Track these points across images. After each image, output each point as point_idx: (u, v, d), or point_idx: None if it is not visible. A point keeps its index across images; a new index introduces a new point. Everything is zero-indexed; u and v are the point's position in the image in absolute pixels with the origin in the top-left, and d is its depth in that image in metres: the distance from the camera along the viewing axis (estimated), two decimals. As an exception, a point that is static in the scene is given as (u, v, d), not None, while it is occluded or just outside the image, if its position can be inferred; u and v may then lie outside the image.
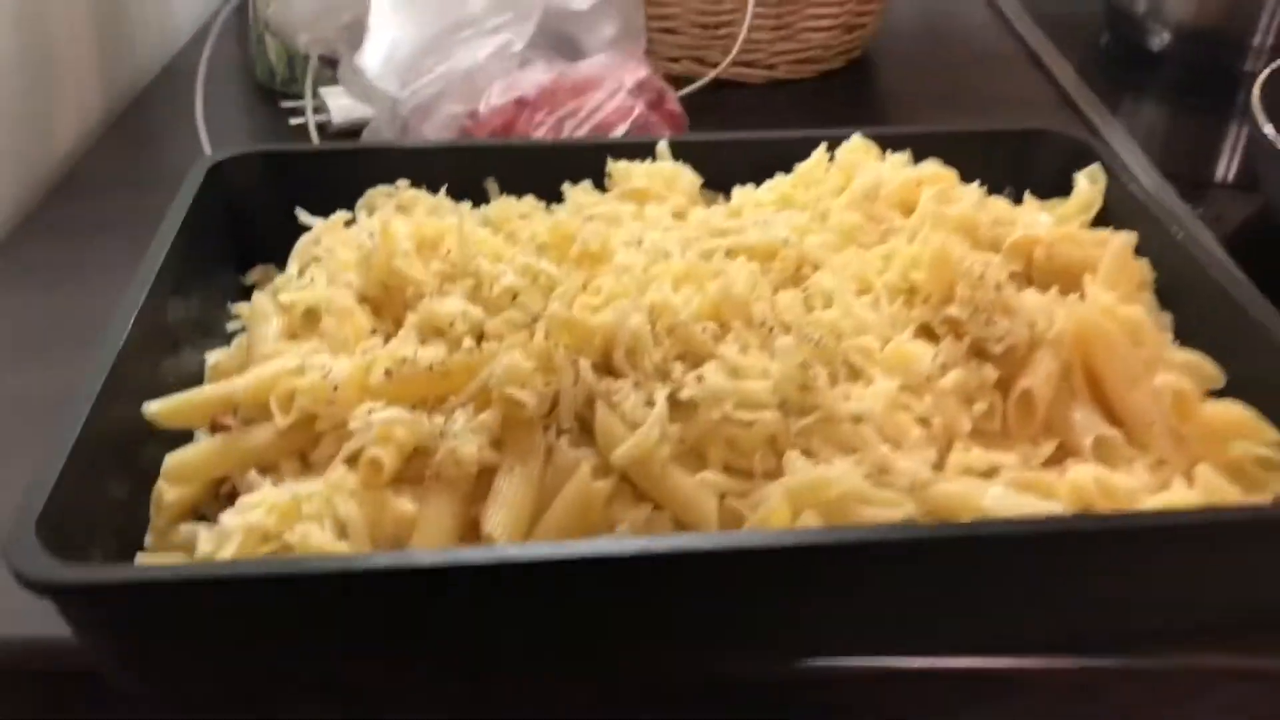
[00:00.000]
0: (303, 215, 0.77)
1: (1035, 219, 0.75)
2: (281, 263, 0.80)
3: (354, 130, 1.04)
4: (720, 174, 0.83)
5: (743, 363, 0.58)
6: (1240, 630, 0.56)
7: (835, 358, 0.59)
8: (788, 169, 0.82)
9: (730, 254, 0.68)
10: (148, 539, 0.57)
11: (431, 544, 0.53)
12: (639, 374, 0.58)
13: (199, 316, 0.73)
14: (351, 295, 0.65)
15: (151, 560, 0.54)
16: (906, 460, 0.55)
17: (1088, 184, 0.79)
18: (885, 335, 0.62)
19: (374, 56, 0.82)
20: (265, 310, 0.66)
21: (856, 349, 0.60)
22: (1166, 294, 0.72)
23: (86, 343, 0.61)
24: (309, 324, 0.65)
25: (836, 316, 0.61)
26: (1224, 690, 0.56)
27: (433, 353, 0.59)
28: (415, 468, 0.56)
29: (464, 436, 0.55)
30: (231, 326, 0.76)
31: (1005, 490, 0.54)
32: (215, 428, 0.62)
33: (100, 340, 0.61)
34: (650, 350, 0.58)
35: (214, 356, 0.69)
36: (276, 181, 0.81)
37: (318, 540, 0.51)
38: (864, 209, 0.70)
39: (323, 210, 0.81)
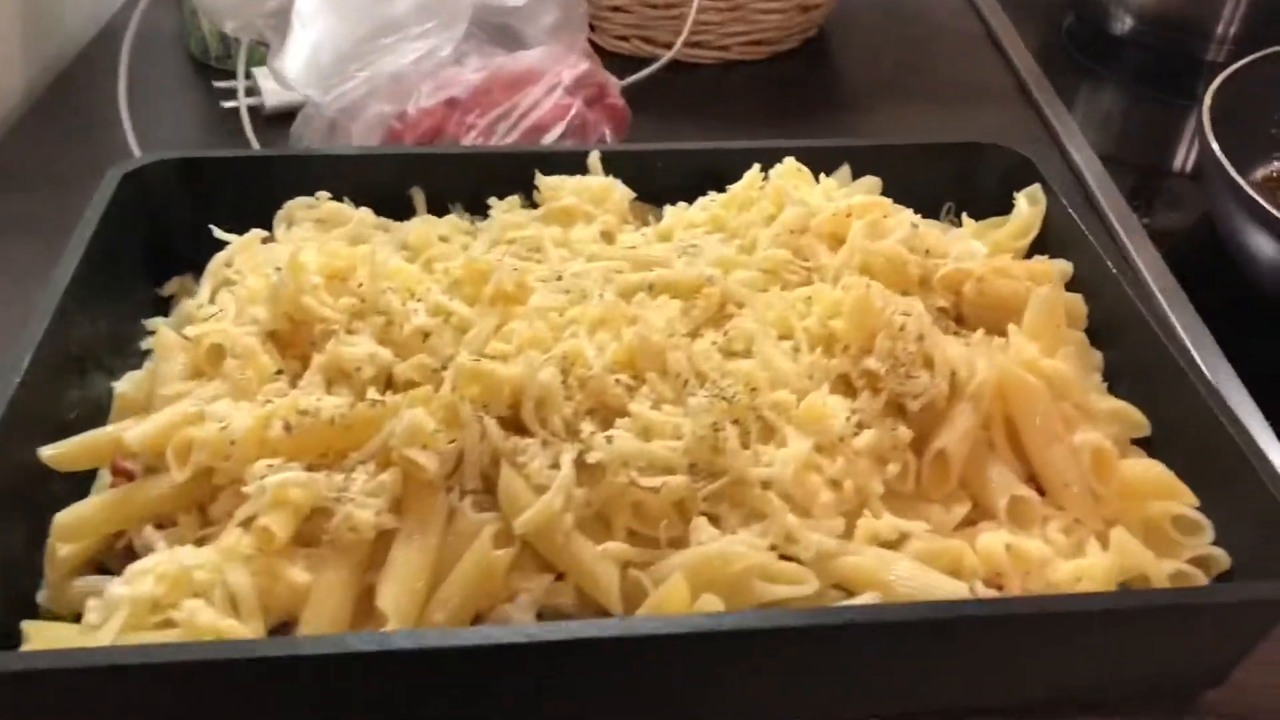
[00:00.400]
0: (218, 232, 0.75)
1: (969, 248, 0.73)
2: (199, 272, 0.78)
3: (288, 113, 1.01)
4: (653, 186, 0.81)
5: (654, 420, 0.57)
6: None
7: (748, 415, 0.57)
8: (723, 181, 0.80)
9: (654, 290, 0.66)
10: (41, 594, 0.56)
11: (323, 617, 0.51)
12: (547, 431, 0.57)
13: (111, 333, 0.71)
14: (257, 332, 0.63)
15: (36, 632, 0.52)
16: (813, 530, 0.54)
17: (1027, 205, 0.78)
18: (802, 387, 0.60)
19: (295, 60, 0.79)
20: (170, 345, 0.64)
21: (771, 405, 0.58)
22: (1100, 329, 0.71)
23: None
24: (214, 361, 0.63)
25: (753, 368, 0.60)
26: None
27: (335, 404, 0.57)
28: (313, 527, 0.55)
29: (361, 502, 0.53)
30: (146, 344, 0.74)
31: (911, 565, 0.53)
32: (116, 470, 0.61)
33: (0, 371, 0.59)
34: (560, 406, 0.57)
35: (122, 385, 0.67)
36: (194, 188, 0.78)
37: (205, 619, 0.49)
38: (791, 243, 0.68)
39: (242, 217, 0.78)
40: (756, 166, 0.76)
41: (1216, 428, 0.60)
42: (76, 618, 0.56)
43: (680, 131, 1.06)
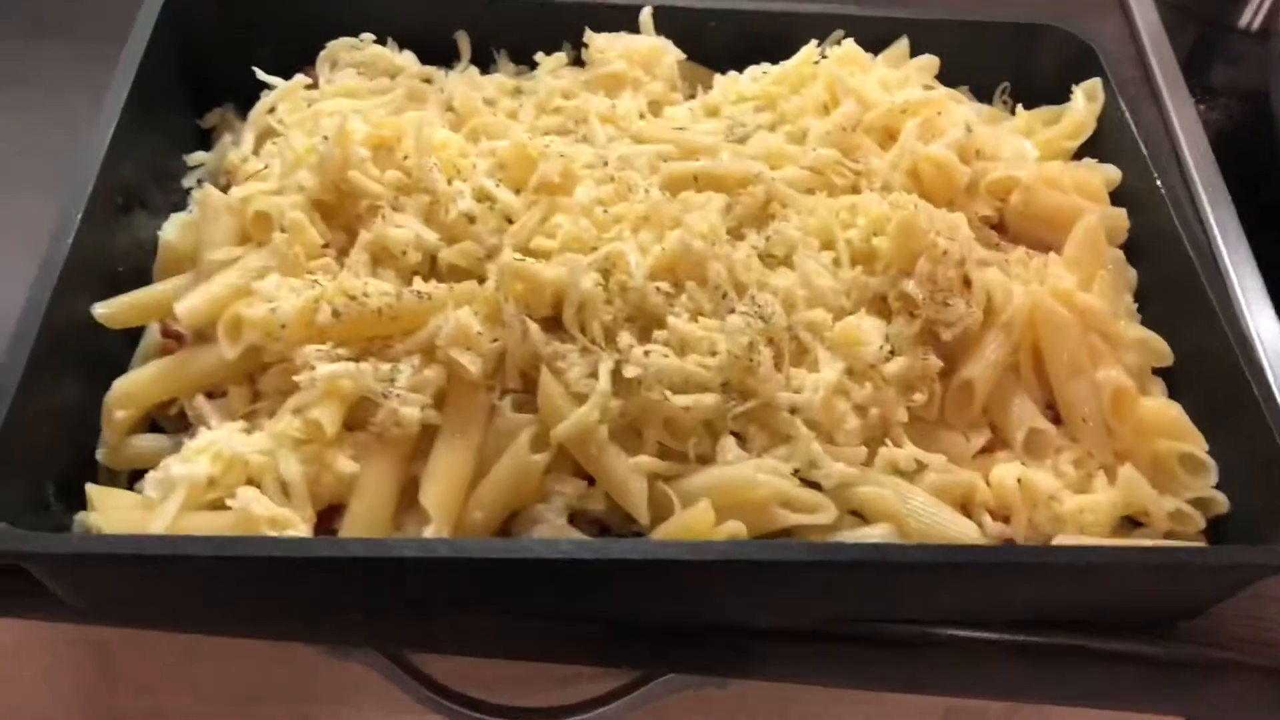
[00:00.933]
0: (261, 75, 0.73)
1: (1020, 149, 0.72)
2: (239, 101, 0.77)
3: None
4: (703, 46, 0.78)
5: (691, 335, 0.58)
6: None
7: (783, 336, 0.58)
8: (776, 45, 0.78)
9: (699, 183, 0.66)
10: (99, 452, 0.59)
11: (370, 508, 0.55)
12: (586, 338, 0.58)
13: (154, 169, 0.71)
14: (304, 202, 0.63)
15: (100, 499, 0.55)
16: (836, 458, 0.56)
17: (1084, 102, 0.76)
18: (839, 305, 0.61)
19: None
20: (216, 205, 0.64)
21: (806, 324, 0.60)
22: (1139, 246, 0.71)
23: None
24: (261, 228, 0.63)
25: (792, 284, 0.60)
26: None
27: (382, 293, 0.59)
28: (359, 412, 0.57)
29: (406, 398, 0.56)
30: (187, 182, 0.74)
31: (925, 500, 0.56)
32: (165, 333, 0.63)
33: (52, 236, 0.60)
34: (600, 312, 0.58)
35: (167, 231, 0.68)
36: (235, 17, 0.76)
37: (260, 509, 0.53)
38: (842, 141, 0.67)
39: (285, 48, 0.77)
40: (812, 44, 0.74)
41: (1235, 370, 0.61)
42: (132, 475, 0.60)
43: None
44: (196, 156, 0.76)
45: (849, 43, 0.74)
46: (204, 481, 0.54)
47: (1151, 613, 0.60)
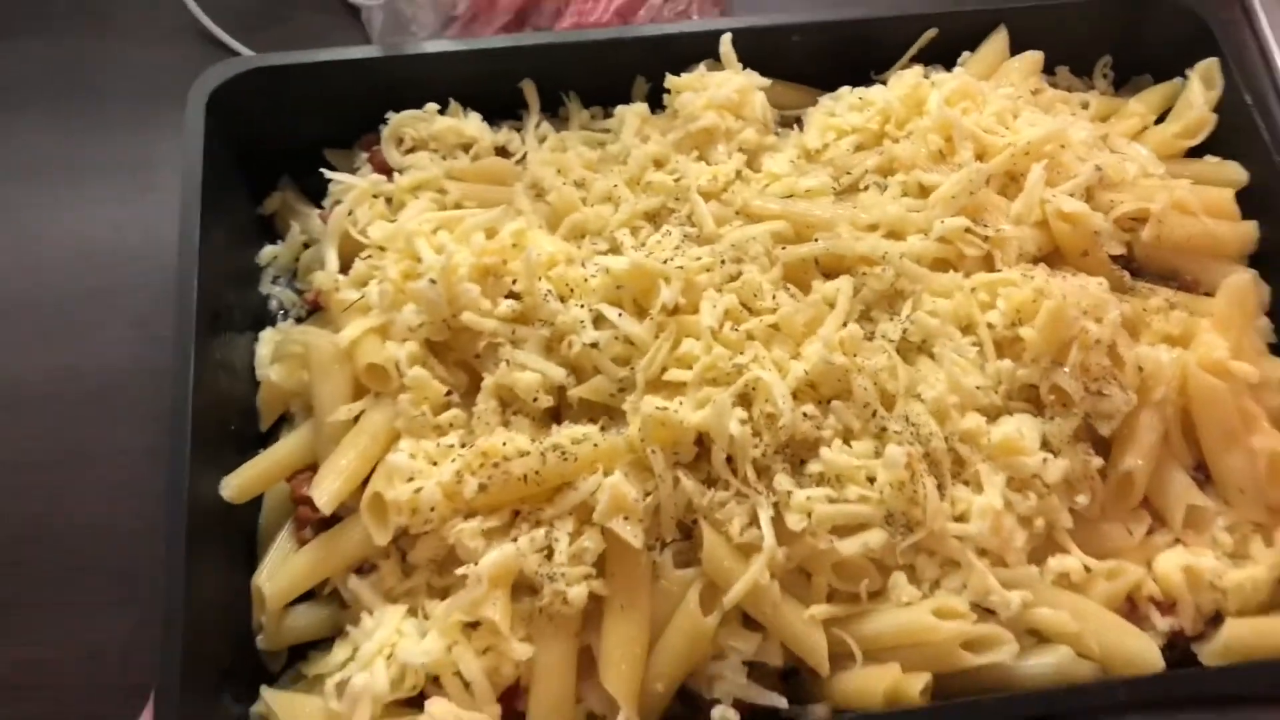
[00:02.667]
0: (329, 174, 0.69)
1: (1143, 162, 0.68)
2: (292, 174, 0.73)
3: None
4: (788, 65, 0.73)
5: (848, 467, 0.56)
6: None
7: (942, 455, 0.57)
8: (866, 55, 0.73)
9: (820, 265, 0.63)
10: (259, 639, 0.59)
11: (551, 690, 0.55)
12: (739, 480, 0.56)
13: (230, 272, 0.68)
14: (419, 351, 0.60)
15: (282, 706, 0.56)
16: (1009, 584, 0.56)
17: (1201, 90, 0.71)
18: (990, 403, 0.59)
19: None
20: (326, 359, 0.61)
21: (963, 435, 0.58)
22: (1270, 254, 0.68)
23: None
24: (375, 378, 0.60)
25: (940, 393, 0.58)
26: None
27: (522, 452, 0.56)
28: (519, 579, 0.56)
29: (569, 575, 0.55)
30: (264, 287, 0.71)
31: (1100, 615, 0.56)
32: (299, 499, 0.61)
33: (173, 409, 0.58)
34: (750, 453, 0.56)
35: (270, 370, 0.65)
36: (281, 93, 0.70)
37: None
38: (967, 204, 0.63)
39: (333, 120, 0.72)
40: (917, 71, 0.69)
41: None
42: (290, 653, 0.60)
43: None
44: (267, 254, 0.72)
45: (959, 73, 0.68)
46: (386, 689, 0.54)
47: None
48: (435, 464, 0.57)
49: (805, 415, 0.57)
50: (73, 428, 0.68)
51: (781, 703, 0.56)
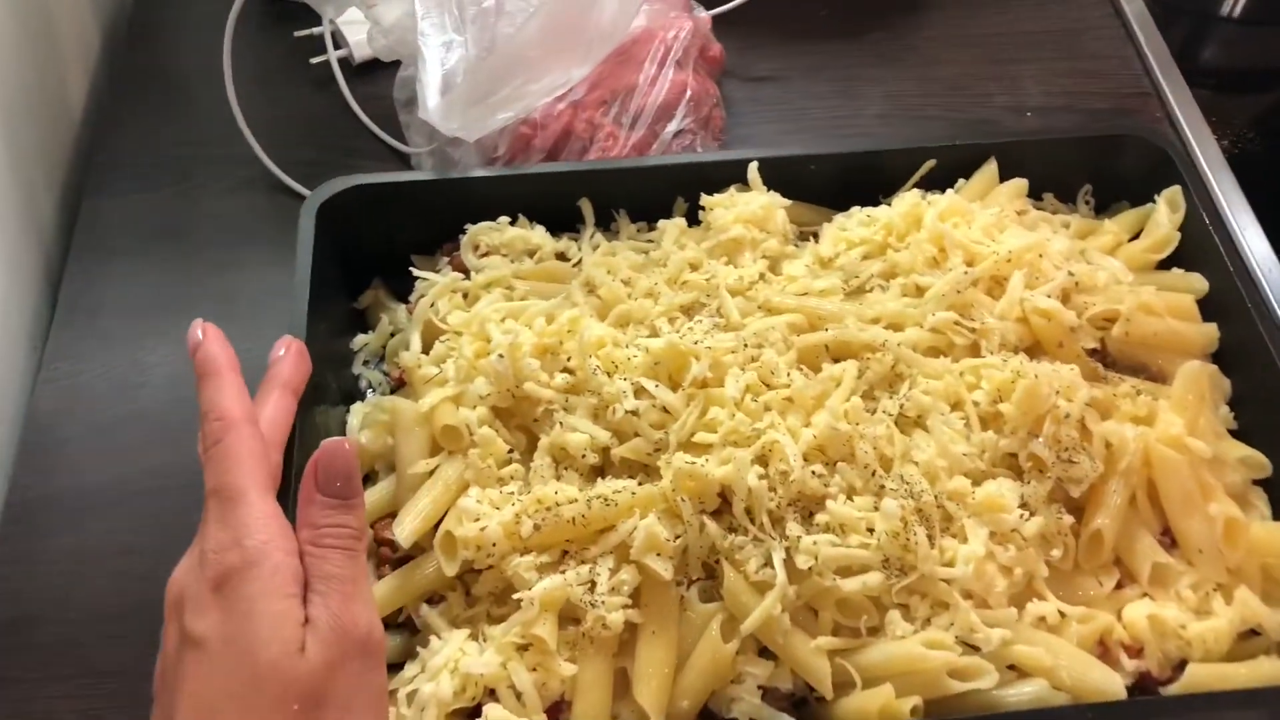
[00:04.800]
0: (416, 272, 0.81)
1: (1114, 271, 0.78)
2: (384, 276, 0.85)
3: (375, 64, 1.03)
4: (807, 188, 0.85)
5: (849, 518, 0.66)
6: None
7: (932, 509, 0.66)
8: (871, 181, 0.85)
9: (829, 350, 0.73)
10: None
11: (591, 704, 0.63)
12: (756, 527, 0.66)
13: (328, 357, 0.79)
14: (486, 414, 0.71)
15: None
16: (991, 623, 0.64)
17: (1167, 213, 0.82)
18: (975, 468, 0.68)
19: (433, 96, 0.81)
20: (409, 421, 0.72)
21: (950, 494, 0.67)
22: (1229, 353, 0.78)
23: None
24: (449, 438, 0.71)
25: (931, 456, 0.68)
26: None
27: (570, 499, 0.67)
28: (564, 609, 0.66)
29: (609, 603, 0.64)
30: (355, 369, 0.83)
31: (1072, 654, 0.64)
32: (381, 541, 0.71)
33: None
34: (765, 503, 0.66)
35: (362, 435, 0.75)
36: (378, 207, 0.83)
37: (503, 721, 0.62)
38: (956, 301, 0.74)
39: (419, 230, 0.84)
40: (916, 194, 0.80)
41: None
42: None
43: (763, 47, 1.10)
44: (360, 340, 0.84)
45: (951, 195, 0.80)
46: (450, 697, 0.63)
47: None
48: (498, 508, 0.68)
49: (814, 474, 0.67)
50: (173, 515, 0.73)
51: (791, 722, 0.64)
